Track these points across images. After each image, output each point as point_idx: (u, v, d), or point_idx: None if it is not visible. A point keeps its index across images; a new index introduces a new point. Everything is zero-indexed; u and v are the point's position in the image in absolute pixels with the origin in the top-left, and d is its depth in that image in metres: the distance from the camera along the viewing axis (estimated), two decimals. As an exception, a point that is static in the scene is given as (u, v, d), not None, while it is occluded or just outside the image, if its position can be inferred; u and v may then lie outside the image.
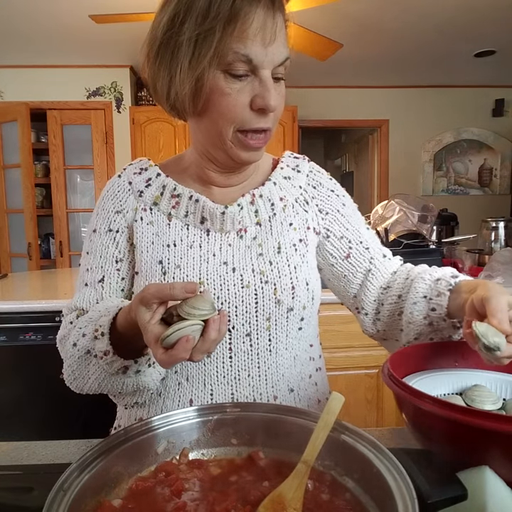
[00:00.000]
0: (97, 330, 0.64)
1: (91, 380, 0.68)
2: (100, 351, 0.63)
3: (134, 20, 2.49)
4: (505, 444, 0.47)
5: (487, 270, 2.01)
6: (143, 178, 0.77)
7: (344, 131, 6.16)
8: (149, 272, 0.72)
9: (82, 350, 0.67)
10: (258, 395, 0.73)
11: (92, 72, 4.01)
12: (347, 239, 0.81)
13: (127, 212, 0.76)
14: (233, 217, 0.73)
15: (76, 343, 0.68)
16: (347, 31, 3.26)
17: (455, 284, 0.69)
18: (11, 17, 2.99)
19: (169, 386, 0.73)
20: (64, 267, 3.94)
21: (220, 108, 0.63)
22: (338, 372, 1.86)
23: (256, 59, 0.60)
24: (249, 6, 0.59)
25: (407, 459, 0.46)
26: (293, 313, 0.73)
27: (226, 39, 0.59)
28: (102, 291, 0.75)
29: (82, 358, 0.67)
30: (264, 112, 0.64)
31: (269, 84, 0.62)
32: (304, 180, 0.81)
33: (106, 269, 0.76)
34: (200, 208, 0.73)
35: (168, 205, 0.75)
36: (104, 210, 0.77)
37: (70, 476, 0.44)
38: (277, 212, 0.77)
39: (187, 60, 0.61)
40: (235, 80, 0.62)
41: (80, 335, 0.67)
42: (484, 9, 2.96)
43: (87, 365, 0.68)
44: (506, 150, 4.86)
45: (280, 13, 0.62)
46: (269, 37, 0.60)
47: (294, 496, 0.46)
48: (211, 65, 0.61)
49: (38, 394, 1.78)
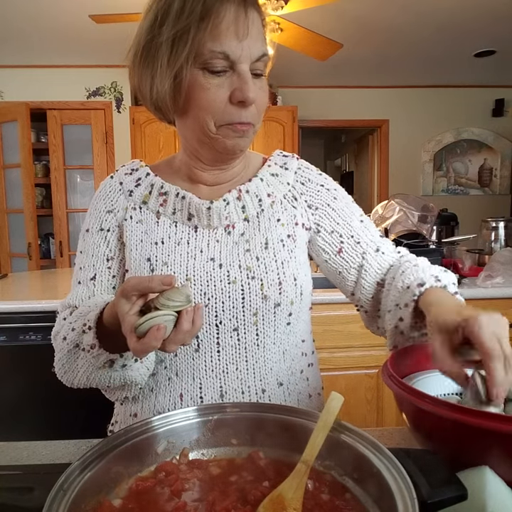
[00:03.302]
0: (85, 324, 0.66)
1: (80, 374, 0.69)
2: (87, 345, 0.65)
3: (134, 20, 2.49)
4: (505, 444, 0.47)
5: (487, 270, 2.01)
6: (133, 178, 0.79)
7: (344, 131, 6.15)
8: (138, 270, 0.74)
9: (71, 343, 0.69)
10: (246, 388, 0.74)
11: (92, 72, 4.01)
12: (338, 233, 0.79)
13: (118, 211, 0.78)
14: (219, 213, 0.74)
15: (66, 337, 0.70)
16: (347, 31, 3.26)
17: (420, 293, 0.67)
18: (11, 17, 2.99)
19: (160, 381, 0.75)
20: (64, 267, 3.94)
21: (200, 103, 0.65)
22: (338, 372, 1.86)
23: (232, 54, 0.62)
24: (220, 2, 0.62)
25: (407, 459, 0.46)
26: (280, 309, 0.74)
27: (201, 35, 0.62)
28: (93, 288, 0.77)
29: (72, 352, 0.69)
30: (244, 105, 0.65)
31: (247, 78, 0.64)
32: (291, 177, 0.80)
33: (97, 268, 0.78)
34: (186, 204, 0.74)
35: (157, 203, 0.76)
36: (96, 210, 0.79)
37: (70, 476, 0.44)
38: (265, 208, 0.77)
39: (165, 59, 0.64)
40: (214, 76, 0.64)
41: (70, 329, 0.69)
42: (484, 9, 2.96)
43: (76, 359, 0.69)
44: (506, 150, 4.86)
45: (254, 9, 0.65)
46: (242, 31, 0.62)
47: (293, 496, 0.46)
48: (188, 61, 0.63)
49: (38, 394, 1.78)
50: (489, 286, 1.92)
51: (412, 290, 0.68)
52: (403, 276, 0.72)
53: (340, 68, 4.08)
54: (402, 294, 0.70)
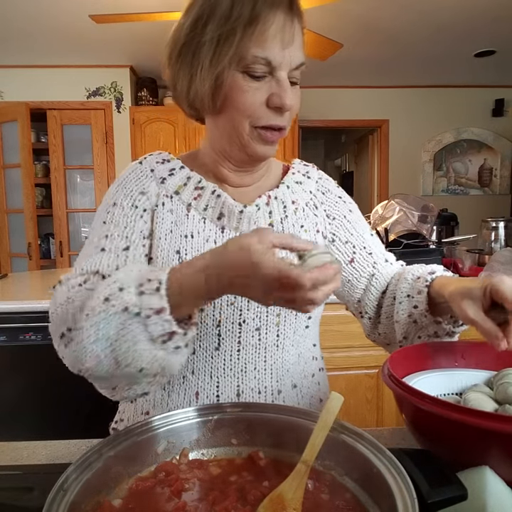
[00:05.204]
0: (141, 284, 0.55)
1: (113, 347, 0.56)
2: (150, 308, 0.54)
3: (134, 20, 2.49)
4: (505, 444, 0.47)
5: (487, 270, 2.01)
6: (166, 167, 0.77)
7: (344, 131, 6.15)
8: (166, 260, 0.72)
9: (120, 306, 0.55)
10: (263, 388, 0.75)
11: (92, 72, 4.01)
12: (351, 244, 0.83)
13: (151, 195, 0.75)
14: (250, 217, 0.75)
15: (109, 298, 0.56)
16: (347, 31, 3.26)
17: (431, 280, 0.73)
18: (11, 17, 2.99)
19: (173, 380, 0.74)
20: (64, 267, 3.94)
21: (237, 105, 0.66)
22: (338, 372, 1.86)
23: (275, 60, 0.63)
24: (269, 9, 0.62)
25: (407, 459, 0.46)
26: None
27: (246, 40, 0.62)
28: (126, 259, 0.70)
29: (116, 316, 0.55)
30: (280, 111, 0.66)
31: (286, 85, 0.65)
32: (313, 186, 0.84)
33: (132, 241, 0.72)
34: (220, 203, 0.74)
35: (190, 196, 0.75)
36: (127, 189, 0.75)
37: (70, 476, 0.44)
38: (289, 214, 0.79)
39: (208, 59, 0.65)
40: (253, 80, 0.65)
41: (116, 289, 0.57)
42: (484, 9, 2.96)
43: (119, 326, 0.55)
44: (506, 150, 4.86)
45: (298, 19, 0.66)
46: (287, 39, 0.63)
47: (293, 496, 0.46)
48: (231, 64, 0.64)
49: (38, 394, 1.78)
50: (489, 286, 1.92)
51: (424, 277, 0.74)
52: (412, 271, 0.78)
53: (340, 68, 4.08)
54: (413, 285, 0.75)
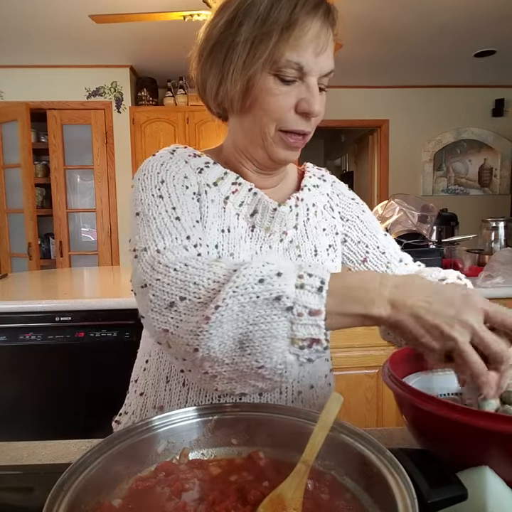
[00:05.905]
0: (301, 276, 0.49)
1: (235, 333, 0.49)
2: (305, 306, 0.47)
3: (134, 20, 2.49)
4: (505, 444, 0.47)
5: (487, 270, 2.01)
6: (201, 160, 0.75)
7: (344, 131, 6.15)
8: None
9: (274, 292, 0.48)
10: (284, 389, 0.76)
11: (92, 72, 4.01)
12: (364, 243, 0.84)
13: (194, 182, 0.71)
14: (282, 217, 0.75)
15: (264, 280, 0.49)
16: (347, 31, 3.26)
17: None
18: (10, 17, 2.99)
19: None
20: (64, 267, 3.94)
21: (266, 107, 0.66)
22: (338, 372, 1.84)
23: (307, 66, 0.64)
24: (307, 15, 0.63)
25: (407, 459, 0.46)
26: None
27: (281, 44, 0.62)
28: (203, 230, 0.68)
29: (265, 302, 0.48)
30: (307, 116, 0.67)
31: (316, 91, 0.65)
32: (329, 189, 0.86)
33: (195, 215, 0.67)
34: (256, 200, 0.74)
35: (228, 190, 0.74)
36: (171, 171, 0.69)
37: (70, 476, 0.44)
38: (311, 217, 0.80)
39: (241, 61, 0.64)
40: (283, 84, 0.65)
41: (274, 272, 0.49)
42: (484, 9, 2.96)
43: (265, 311, 0.48)
44: (506, 150, 4.86)
45: (332, 28, 0.67)
46: (321, 46, 0.64)
47: (293, 496, 0.46)
48: (264, 66, 0.63)
49: (38, 394, 1.78)
50: (489, 286, 1.93)
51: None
52: (425, 274, 0.79)
53: (340, 68, 4.07)
54: None
